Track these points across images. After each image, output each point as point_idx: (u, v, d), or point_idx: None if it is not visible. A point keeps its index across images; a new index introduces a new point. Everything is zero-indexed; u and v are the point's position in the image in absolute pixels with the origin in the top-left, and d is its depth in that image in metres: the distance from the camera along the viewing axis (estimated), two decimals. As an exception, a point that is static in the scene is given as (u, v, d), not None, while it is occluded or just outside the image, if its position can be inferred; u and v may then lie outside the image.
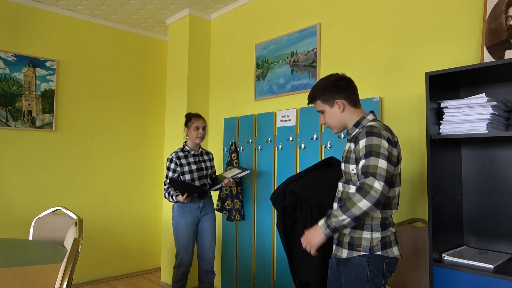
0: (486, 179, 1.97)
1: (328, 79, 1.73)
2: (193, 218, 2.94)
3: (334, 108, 1.71)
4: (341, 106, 1.69)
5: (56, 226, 2.69)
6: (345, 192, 1.67)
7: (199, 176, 3.00)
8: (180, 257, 2.91)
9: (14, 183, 3.57)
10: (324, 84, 1.72)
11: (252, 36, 3.52)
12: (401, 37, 2.42)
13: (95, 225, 4.00)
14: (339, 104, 1.69)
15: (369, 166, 1.50)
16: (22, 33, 3.64)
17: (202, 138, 3.01)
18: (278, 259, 3.07)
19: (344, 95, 1.70)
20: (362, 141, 1.56)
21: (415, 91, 2.32)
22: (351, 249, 1.62)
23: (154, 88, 4.52)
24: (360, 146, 1.56)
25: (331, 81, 1.72)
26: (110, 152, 4.16)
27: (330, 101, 1.71)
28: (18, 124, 3.58)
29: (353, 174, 1.62)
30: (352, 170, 1.63)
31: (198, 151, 3.06)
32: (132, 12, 3.90)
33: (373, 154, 1.51)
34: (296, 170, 2.97)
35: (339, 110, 1.70)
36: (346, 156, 1.68)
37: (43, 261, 1.97)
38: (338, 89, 1.70)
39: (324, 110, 1.73)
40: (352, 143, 1.64)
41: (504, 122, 1.83)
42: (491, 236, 1.93)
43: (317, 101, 1.74)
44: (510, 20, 1.91)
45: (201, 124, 3.01)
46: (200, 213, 2.97)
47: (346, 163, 1.67)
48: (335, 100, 1.70)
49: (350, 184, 1.65)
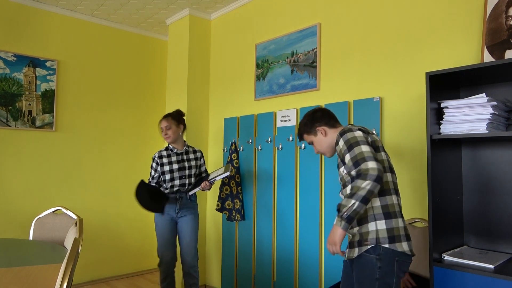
0: (486, 179, 1.97)
1: (306, 116, 1.98)
2: (169, 218, 2.94)
3: (318, 136, 1.91)
4: (323, 131, 1.90)
5: (56, 226, 2.69)
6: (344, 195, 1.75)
7: (180, 176, 2.95)
8: (161, 255, 2.94)
9: (14, 183, 3.57)
10: (304, 120, 1.96)
11: (252, 36, 3.52)
12: (401, 37, 2.42)
13: (95, 225, 4.00)
14: (320, 130, 1.90)
15: (356, 155, 1.63)
16: (22, 33, 3.64)
17: (169, 138, 2.96)
18: (278, 259, 3.07)
19: (322, 123, 1.91)
20: (339, 142, 1.73)
21: (415, 91, 2.32)
22: (360, 246, 1.67)
23: (154, 88, 4.52)
24: (340, 146, 1.72)
25: (309, 115, 1.96)
26: (110, 152, 4.16)
27: (312, 131, 1.93)
28: (18, 124, 3.58)
29: (345, 174, 1.74)
30: (343, 172, 1.76)
31: (182, 149, 3.03)
32: (132, 12, 3.90)
33: (354, 145, 1.66)
34: (296, 170, 2.97)
35: (322, 136, 1.90)
36: (337, 164, 1.84)
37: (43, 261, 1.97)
38: (316, 119, 1.92)
39: (312, 140, 1.95)
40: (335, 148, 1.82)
41: (504, 122, 1.83)
42: (491, 236, 1.93)
43: (303, 135, 1.97)
44: (510, 20, 1.91)
45: (163, 124, 2.95)
46: (176, 215, 2.94)
47: (338, 170, 1.81)
48: (316, 128, 1.91)
49: (346, 187, 1.75)
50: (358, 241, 1.68)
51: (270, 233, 3.15)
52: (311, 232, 2.83)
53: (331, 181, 2.72)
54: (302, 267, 2.88)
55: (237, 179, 3.40)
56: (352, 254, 1.71)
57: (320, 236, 2.77)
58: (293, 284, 2.92)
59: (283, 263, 3.02)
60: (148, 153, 4.41)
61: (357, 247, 1.68)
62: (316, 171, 2.81)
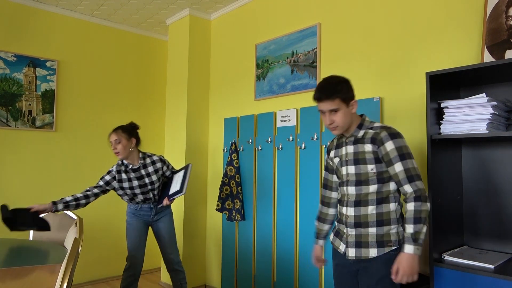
0: (486, 179, 1.97)
1: (345, 80, 1.75)
2: (143, 222, 2.90)
3: (349, 108, 1.73)
4: (355, 107, 1.74)
5: (56, 226, 2.69)
6: (363, 194, 1.71)
7: (142, 192, 2.84)
8: (130, 259, 2.83)
9: (14, 183, 3.57)
10: (346, 84, 1.74)
11: (252, 36, 3.52)
12: (401, 37, 2.42)
13: (96, 225, 4.00)
14: (353, 105, 1.73)
15: (409, 169, 1.63)
16: (22, 33, 3.64)
17: (118, 154, 2.78)
18: (279, 259, 3.07)
19: (354, 96, 1.75)
20: (389, 143, 1.65)
21: (415, 91, 2.32)
22: (381, 246, 1.67)
23: (155, 88, 4.52)
24: (388, 148, 1.65)
25: (348, 82, 1.75)
26: (110, 152, 4.14)
27: (348, 100, 1.72)
28: (18, 124, 3.58)
29: (372, 173, 1.69)
30: (371, 170, 1.69)
31: (137, 164, 2.84)
32: (132, 12, 3.90)
33: (407, 156, 1.64)
34: (296, 170, 2.97)
35: (352, 111, 1.73)
36: (358, 158, 1.72)
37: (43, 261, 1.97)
38: (352, 89, 1.76)
39: (340, 109, 1.70)
40: (369, 144, 1.70)
41: (504, 122, 1.83)
42: (491, 236, 1.93)
43: (336, 99, 1.69)
44: (510, 20, 1.91)
45: (112, 138, 2.82)
46: (152, 219, 2.92)
47: (362, 164, 1.71)
48: (352, 100, 1.73)
49: (369, 185, 1.70)
50: (377, 241, 1.68)
51: (270, 233, 3.15)
52: (311, 232, 2.83)
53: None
54: (302, 267, 2.88)
55: (237, 179, 3.40)
56: (367, 255, 1.69)
57: (320, 236, 2.77)
58: (293, 284, 2.92)
59: (283, 263, 3.02)
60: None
61: (376, 248, 1.67)
62: (316, 171, 2.81)
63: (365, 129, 1.75)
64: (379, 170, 1.69)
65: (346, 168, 1.77)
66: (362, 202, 1.72)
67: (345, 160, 1.78)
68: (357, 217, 1.72)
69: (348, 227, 1.75)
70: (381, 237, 1.68)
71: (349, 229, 1.75)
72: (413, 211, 1.60)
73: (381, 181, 1.70)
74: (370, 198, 1.70)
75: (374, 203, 1.70)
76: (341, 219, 1.81)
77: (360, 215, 1.72)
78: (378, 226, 1.68)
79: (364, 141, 1.72)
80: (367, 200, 1.71)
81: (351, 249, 1.74)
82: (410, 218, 1.61)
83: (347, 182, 1.76)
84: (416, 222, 1.58)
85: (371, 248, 1.68)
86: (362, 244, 1.71)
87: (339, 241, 1.82)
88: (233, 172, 3.42)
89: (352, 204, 1.74)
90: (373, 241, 1.69)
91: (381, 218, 1.69)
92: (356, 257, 1.72)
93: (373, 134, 1.71)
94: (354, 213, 1.73)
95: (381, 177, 1.69)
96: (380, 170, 1.69)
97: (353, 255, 1.73)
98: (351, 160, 1.75)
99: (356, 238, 1.72)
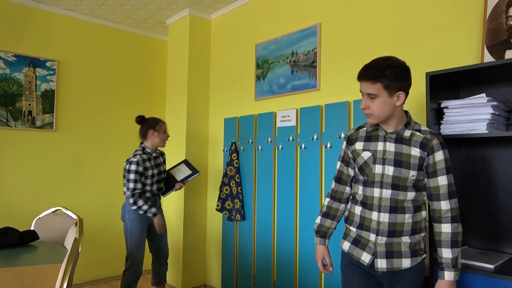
0: (486, 179, 1.97)
1: (400, 63, 1.50)
2: (146, 221, 2.96)
3: (392, 99, 1.49)
4: (401, 99, 1.50)
5: (56, 226, 2.69)
6: (400, 200, 1.54)
7: (157, 180, 2.99)
8: (134, 258, 2.87)
9: (14, 183, 3.57)
10: (397, 68, 1.48)
11: (252, 36, 3.52)
12: (401, 37, 2.42)
13: (96, 225, 4.00)
14: (399, 97, 1.49)
15: (452, 184, 1.53)
16: (22, 33, 3.64)
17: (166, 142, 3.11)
18: (279, 259, 3.07)
19: (406, 88, 1.51)
20: (439, 153, 1.51)
21: (415, 91, 2.32)
22: (415, 256, 1.57)
23: (154, 88, 4.52)
24: (437, 159, 1.51)
25: (405, 67, 1.50)
26: (110, 152, 4.16)
27: (393, 89, 1.47)
28: (18, 124, 3.58)
29: (411, 179, 1.53)
30: (411, 176, 1.53)
31: (156, 153, 3.04)
32: (133, 12, 3.90)
33: (450, 171, 1.53)
34: (296, 170, 2.97)
35: (396, 103, 1.50)
36: (401, 160, 1.53)
37: (43, 261, 1.97)
38: (407, 79, 1.50)
39: (379, 96, 1.48)
40: (417, 149, 1.52)
41: (504, 122, 1.83)
42: (491, 236, 1.93)
43: (377, 83, 1.47)
44: (510, 20, 1.91)
45: (167, 127, 3.09)
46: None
47: (404, 168, 1.53)
48: (398, 91, 1.48)
49: (407, 191, 1.54)
50: (411, 251, 1.56)
51: (270, 233, 3.15)
52: (311, 232, 2.83)
53: (331, 181, 2.72)
54: (302, 267, 2.88)
55: (237, 179, 3.40)
56: (399, 265, 1.55)
57: (320, 236, 2.77)
58: (293, 284, 2.92)
59: (283, 263, 3.02)
60: (148, 153, 4.41)
61: (410, 258, 1.55)
62: (316, 171, 2.81)
63: (412, 129, 1.56)
64: (418, 177, 1.54)
65: (383, 168, 1.55)
66: (399, 208, 1.55)
67: (381, 158, 1.56)
68: (392, 225, 1.55)
69: (379, 235, 1.56)
70: (414, 246, 1.56)
71: (380, 237, 1.56)
72: (451, 234, 1.49)
73: (418, 189, 1.56)
74: (407, 205, 1.55)
75: (411, 211, 1.55)
76: (368, 225, 1.59)
77: (396, 223, 1.55)
78: (411, 234, 1.56)
79: (411, 143, 1.53)
80: (404, 207, 1.55)
81: (381, 260, 1.56)
82: (447, 241, 1.49)
83: (381, 183, 1.56)
84: (454, 246, 1.48)
85: (405, 258, 1.55)
86: (395, 254, 1.55)
87: (361, 251, 1.61)
88: (233, 172, 3.42)
89: (388, 210, 1.55)
90: (406, 250, 1.55)
91: (415, 226, 1.57)
92: (388, 269, 1.55)
93: (423, 139, 1.53)
94: (389, 220, 1.55)
95: (417, 185, 1.55)
96: (419, 178, 1.54)
97: (383, 267, 1.55)
98: (390, 160, 1.54)
99: (387, 248, 1.55)
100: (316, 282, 2.76)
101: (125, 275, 2.89)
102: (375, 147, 1.59)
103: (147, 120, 3.01)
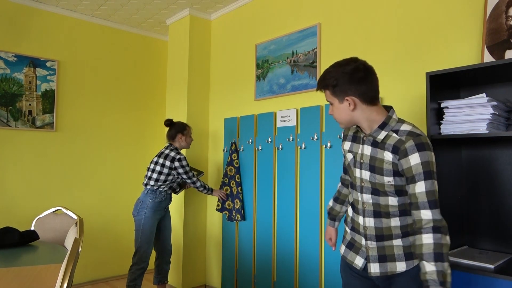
0: (486, 179, 1.97)
1: (343, 68, 1.42)
2: (159, 216, 3.18)
3: (344, 105, 1.44)
4: (352, 104, 1.42)
5: (56, 226, 2.69)
6: (383, 205, 1.45)
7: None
8: (143, 253, 3.05)
9: (15, 183, 3.57)
10: (337, 73, 1.42)
11: (252, 36, 3.52)
12: (401, 37, 2.43)
13: (96, 225, 4.00)
14: (349, 101, 1.42)
15: (433, 192, 1.33)
16: (22, 33, 3.64)
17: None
18: (279, 259, 3.07)
19: (358, 92, 1.40)
20: (414, 156, 1.34)
21: (415, 91, 2.32)
22: (410, 259, 1.44)
23: (155, 88, 4.52)
24: (412, 162, 1.34)
25: (346, 71, 1.41)
26: (111, 152, 4.16)
27: (340, 95, 1.43)
28: (18, 124, 3.58)
29: (389, 185, 1.42)
30: (388, 182, 1.41)
31: None
32: (133, 12, 3.91)
33: (433, 175, 1.34)
34: (296, 170, 2.97)
35: (349, 109, 1.43)
36: (374, 165, 1.44)
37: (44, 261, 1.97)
38: (352, 83, 1.40)
39: (333, 102, 1.47)
40: (389, 153, 1.40)
41: (505, 122, 1.83)
42: (491, 236, 1.93)
43: (326, 91, 1.47)
44: (510, 20, 1.91)
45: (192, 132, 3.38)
46: (164, 212, 3.24)
47: (377, 174, 1.43)
48: (345, 96, 1.42)
49: (388, 196, 1.44)
50: (405, 254, 1.44)
51: (270, 233, 3.15)
52: (311, 232, 2.83)
53: (331, 181, 2.72)
54: (302, 267, 2.88)
55: (237, 179, 3.40)
56: (394, 269, 1.45)
57: (320, 236, 2.77)
58: (293, 284, 2.92)
59: (283, 263, 3.02)
60: (148, 153, 4.41)
61: (405, 261, 1.44)
62: (316, 171, 2.81)
63: (388, 130, 1.42)
64: (398, 183, 1.41)
65: (360, 172, 1.49)
66: (383, 213, 1.45)
67: (359, 161, 1.50)
68: (379, 229, 1.47)
69: (368, 240, 1.49)
70: (408, 249, 1.44)
71: (370, 242, 1.49)
72: (433, 245, 1.29)
73: (401, 193, 1.43)
74: (391, 210, 1.44)
75: (397, 214, 1.44)
76: (357, 229, 1.54)
77: (382, 228, 1.46)
78: (403, 237, 1.44)
79: (384, 147, 1.42)
80: (389, 212, 1.45)
81: (373, 264, 1.48)
82: (429, 253, 1.29)
83: (361, 188, 1.50)
84: (438, 259, 1.28)
85: (399, 262, 1.44)
86: (388, 257, 1.46)
87: (354, 255, 1.56)
88: (233, 172, 3.42)
89: (371, 214, 1.48)
90: (400, 253, 1.44)
91: (406, 230, 1.45)
92: (381, 273, 1.46)
93: (397, 142, 1.39)
94: (375, 225, 1.47)
95: (400, 189, 1.42)
96: (400, 183, 1.41)
97: (377, 271, 1.47)
98: (366, 164, 1.47)
99: (379, 252, 1.47)
100: (316, 282, 2.76)
101: (132, 269, 3.05)
102: (357, 149, 1.53)
103: (175, 124, 3.27)
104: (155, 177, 3.11)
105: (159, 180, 3.10)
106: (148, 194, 3.12)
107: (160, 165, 3.11)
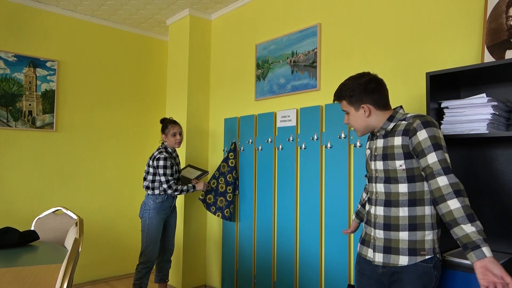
0: (486, 179, 1.97)
1: (358, 80, 1.64)
2: (164, 216, 3.18)
3: (360, 112, 1.64)
4: (367, 111, 1.62)
5: (56, 226, 2.69)
6: (394, 194, 1.58)
7: (178, 177, 3.26)
8: (148, 253, 3.08)
9: (15, 183, 3.57)
10: (353, 85, 1.64)
11: (252, 36, 3.52)
12: (401, 37, 2.43)
13: (96, 225, 4.00)
14: (365, 109, 1.62)
15: (443, 161, 1.44)
16: (22, 33, 3.64)
17: (180, 143, 3.22)
18: (279, 259, 3.07)
19: (372, 100, 1.62)
20: (421, 132, 1.49)
21: (415, 91, 2.32)
22: (413, 255, 1.52)
23: (155, 88, 4.52)
24: (420, 138, 1.48)
25: (361, 83, 1.63)
26: (111, 152, 4.16)
27: (356, 104, 1.64)
28: (18, 124, 3.58)
29: (401, 170, 1.55)
30: (399, 167, 1.55)
31: (175, 153, 3.28)
32: (133, 12, 3.90)
33: (441, 148, 1.47)
34: (296, 170, 2.97)
35: (364, 115, 1.64)
36: (386, 153, 1.60)
37: (44, 261, 1.97)
38: (367, 93, 1.62)
39: (349, 112, 1.68)
40: (399, 137, 1.55)
41: (505, 122, 1.83)
42: (491, 236, 1.93)
43: (343, 101, 1.68)
44: (510, 20, 1.91)
45: (178, 130, 3.19)
46: (170, 211, 3.23)
47: (389, 160, 1.58)
48: (361, 104, 1.63)
49: (399, 183, 1.56)
50: (409, 248, 1.53)
51: (270, 233, 3.15)
52: (311, 232, 2.83)
53: (331, 181, 2.72)
54: (302, 267, 2.88)
55: (229, 178, 3.41)
56: (396, 262, 1.55)
57: (320, 236, 2.77)
58: (293, 284, 2.92)
59: (283, 263, 3.02)
60: (148, 154, 4.41)
61: (408, 256, 1.52)
62: (316, 171, 2.81)
63: (396, 121, 1.61)
64: (409, 166, 1.53)
65: (375, 164, 1.65)
66: (393, 202, 1.57)
67: (374, 155, 1.66)
68: (387, 218, 1.58)
69: (376, 228, 1.62)
70: (413, 244, 1.52)
71: (377, 231, 1.61)
72: (462, 208, 1.36)
73: (412, 179, 1.54)
74: (401, 198, 1.55)
75: (405, 204, 1.54)
76: (369, 219, 1.68)
77: (391, 216, 1.57)
78: (410, 230, 1.53)
79: (394, 134, 1.58)
80: (398, 200, 1.56)
81: (378, 254, 1.60)
82: (462, 216, 1.36)
83: (376, 178, 1.65)
84: (472, 219, 1.34)
85: (402, 256, 1.53)
86: (392, 250, 1.56)
87: (366, 248, 1.69)
88: (225, 169, 3.43)
89: (382, 203, 1.61)
90: (404, 247, 1.53)
91: (414, 222, 1.53)
92: (384, 264, 1.58)
93: (406, 125, 1.55)
94: (384, 213, 1.59)
95: (411, 174, 1.54)
96: (410, 166, 1.53)
97: (380, 261, 1.59)
98: (379, 155, 1.63)
99: (385, 243, 1.59)
100: (316, 282, 2.76)
101: (138, 268, 3.10)
102: (373, 145, 1.71)
103: (162, 122, 3.26)
104: (146, 177, 3.15)
105: (147, 180, 3.13)
106: (149, 196, 3.15)
107: (147, 166, 3.17)
